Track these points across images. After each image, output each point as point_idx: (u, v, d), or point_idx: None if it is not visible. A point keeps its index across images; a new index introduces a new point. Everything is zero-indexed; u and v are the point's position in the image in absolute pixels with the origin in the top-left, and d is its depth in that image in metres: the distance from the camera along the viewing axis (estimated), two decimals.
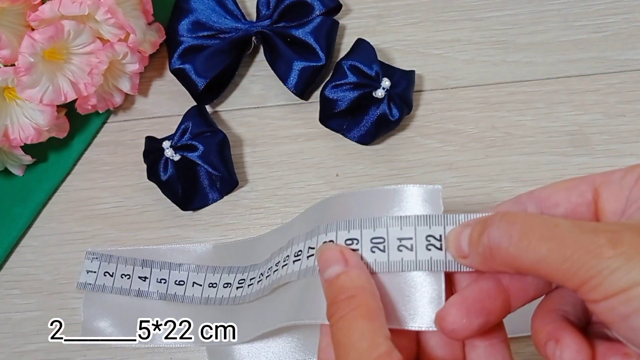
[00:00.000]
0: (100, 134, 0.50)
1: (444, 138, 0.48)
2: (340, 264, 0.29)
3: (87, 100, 0.45)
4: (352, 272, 0.29)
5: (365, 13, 0.51)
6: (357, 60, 0.46)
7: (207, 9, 0.48)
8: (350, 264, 0.29)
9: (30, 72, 0.41)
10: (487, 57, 0.49)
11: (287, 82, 0.47)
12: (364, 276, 0.29)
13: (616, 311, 0.23)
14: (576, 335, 0.26)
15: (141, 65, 0.47)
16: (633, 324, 0.23)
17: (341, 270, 0.29)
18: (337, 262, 0.29)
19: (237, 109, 0.50)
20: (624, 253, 0.22)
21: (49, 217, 0.48)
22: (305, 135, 0.49)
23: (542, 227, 0.24)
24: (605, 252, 0.23)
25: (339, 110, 0.45)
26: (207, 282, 0.44)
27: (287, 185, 0.48)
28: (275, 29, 0.48)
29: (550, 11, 0.50)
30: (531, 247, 0.24)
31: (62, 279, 0.47)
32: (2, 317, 0.46)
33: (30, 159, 0.47)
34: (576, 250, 0.23)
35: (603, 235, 0.23)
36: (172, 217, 0.47)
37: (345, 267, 0.29)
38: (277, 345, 0.44)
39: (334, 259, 0.29)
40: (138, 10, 0.46)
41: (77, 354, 0.45)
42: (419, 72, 0.48)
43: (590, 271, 0.23)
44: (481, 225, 0.26)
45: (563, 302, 0.28)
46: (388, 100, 0.45)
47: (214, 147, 0.45)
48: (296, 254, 0.33)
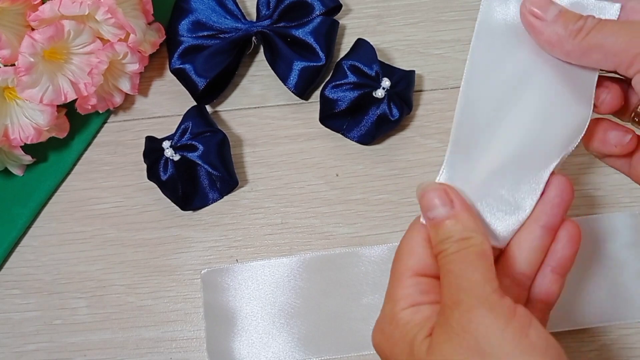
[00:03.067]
0: (100, 134, 0.50)
1: (444, 138, 0.48)
2: (446, 205, 0.30)
3: (87, 100, 0.45)
4: (461, 215, 0.30)
5: (365, 13, 0.51)
6: (357, 60, 0.46)
7: (207, 8, 0.48)
8: (457, 207, 0.31)
9: (31, 72, 0.41)
10: None
11: (287, 82, 0.47)
12: (472, 220, 0.30)
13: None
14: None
15: (141, 65, 0.47)
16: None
17: (449, 213, 0.30)
18: (442, 202, 0.31)
19: (237, 109, 0.50)
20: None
21: (49, 217, 0.48)
22: (305, 135, 0.49)
23: (616, 24, 0.31)
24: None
25: (339, 110, 0.45)
26: None
27: (287, 185, 0.48)
28: (275, 29, 0.47)
29: None
30: (606, 31, 0.30)
31: (62, 279, 0.47)
32: (2, 317, 0.46)
33: (30, 159, 0.47)
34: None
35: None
36: (172, 217, 0.47)
37: (451, 209, 0.30)
38: (277, 345, 0.44)
39: (439, 199, 0.31)
40: (138, 10, 0.46)
41: (77, 354, 0.45)
42: (419, 72, 0.48)
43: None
44: (575, 14, 0.32)
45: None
46: (388, 100, 0.45)
47: (214, 147, 0.45)
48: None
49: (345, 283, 0.45)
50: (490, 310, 0.27)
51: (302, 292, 0.45)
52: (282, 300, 0.45)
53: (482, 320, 0.27)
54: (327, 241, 0.46)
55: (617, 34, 0.30)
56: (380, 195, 0.47)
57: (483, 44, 0.34)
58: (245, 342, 0.44)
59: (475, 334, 0.27)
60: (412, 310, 0.30)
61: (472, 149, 0.33)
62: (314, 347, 0.44)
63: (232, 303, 0.45)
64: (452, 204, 0.31)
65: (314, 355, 0.44)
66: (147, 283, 0.46)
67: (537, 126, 0.33)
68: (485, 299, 0.28)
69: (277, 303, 0.45)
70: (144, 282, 0.46)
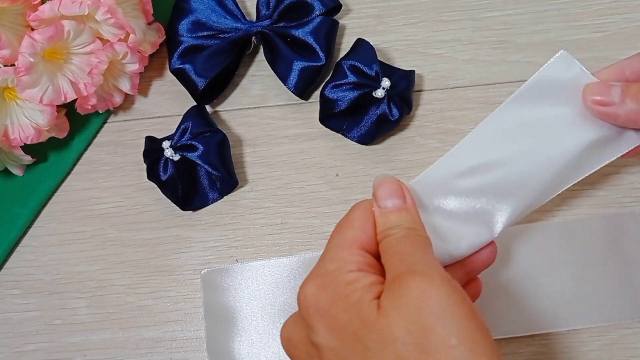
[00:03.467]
0: (100, 134, 0.50)
1: (444, 138, 0.48)
2: (400, 198, 0.34)
3: (87, 100, 0.45)
4: (411, 210, 0.34)
5: (365, 13, 0.51)
6: (357, 60, 0.46)
7: (207, 8, 0.48)
8: (408, 202, 0.34)
9: (30, 72, 0.41)
10: (487, 57, 0.49)
11: (287, 82, 0.47)
12: (419, 217, 0.34)
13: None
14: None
15: (141, 65, 0.47)
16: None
17: (401, 205, 0.34)
18: (397, 195, 0.34)
19: (237, 109, 0.50)
20: None
21: (49, 217, 0.48)
22: (305, 135, 0.49)
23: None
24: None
25: (339, 110, 0.45)
26: None
27: (287, 185, 0.48)
28: (275, 29, 0.47)
29: (550, 11, 0.50)
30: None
31: (62, 279, 0.47)
32: (2, 317, 0.46)
33: (30, 159, 0.47)
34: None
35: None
36: (172, 217, 0.47)
37: (404, 202, 0.34)
38: (277, 345, 0.44)
39: (394, 191, 0.34)
40: (138, 10, 0.46)
41: (78, 354, 0.45)
42: (419, 72, 0.48)
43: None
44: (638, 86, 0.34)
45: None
46: (388, 100, 0.45)
47: (214, 147, 0.45)
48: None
49: None
50: (448, 281, 0.29)
51: None
52: (282, 300, 0.45)
53: (439, 290, 0.28)
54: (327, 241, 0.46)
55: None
56: None
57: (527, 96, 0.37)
58: (245, 342, 0.44)
59: (428, 302, 0.28)
60: (359, 274, 0.31)
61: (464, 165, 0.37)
62: None
63: (232, 303, 0.45)
64: (404, 199, 0.34)
65: None
66: (147, 283, 0.46)
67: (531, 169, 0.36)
68: (442, 274, 0.29)
69: (277, 303, 0.45)
70: (144, 282, 0.46)
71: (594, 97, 0.35)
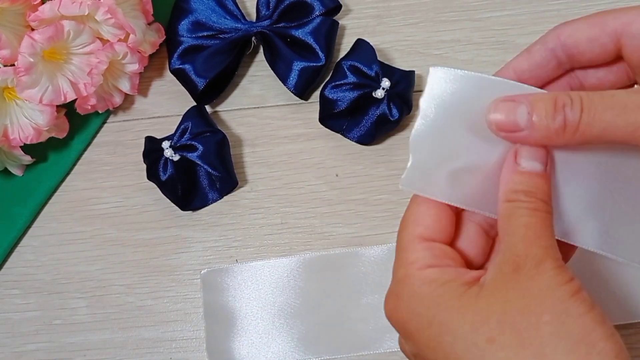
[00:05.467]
0: (100, 134, 0.50)
1: None
2: (542, 164, 0.29)
3: (86, 100, 0.45)
4: (549, 180, 0.29)
5: (365, 13, 0.51)
6: (357, 60, 0.46)
7: (207, 9, 0.48)
8: (548, 171, 0.29)
9: (30, 72, 0.41)
10: (487, 58, 0.49)
11: (287, 82, 0.47)
12: (551, 191, 0.29)
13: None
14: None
15: (141, 66, 0.47)
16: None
17: (542, 171, 0.29)
18: (540, 160, 0.29)
19: (237, 109, 0.50)
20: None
21: (49, 217, 0.48)
22: (305, 135, 0.49)
23: (602, 100, 0.27)
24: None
25: (338, 110, 0.45)
26: None
27: (287, 185, 0.48)
28: (275, 29, 0.47)
29: (550, 11, 0.50)
30: (597, 118, 0.27)
31: (62, 279, 0.47)
32: (2, 317, 0.46)
33: (30, 159, 0.47)
34: (637, 113, 0.26)
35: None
36: (172, 217, 0.47)
37: (544, 170, 0.29)
38: (277, 345, 0.44)
39: (539, 155, 0.29)
40: (138, 10, 0.46)
41: (77, 354, 0.45)
42: (418, 72, 0.48)
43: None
44: (549, 104, 0.28)
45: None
46: (388, 100, 0.45)
47: (214, 147, 0.45)
48: None
49: (345, 283, 0.45)
50: (561, 274, 0.26)
51: (301, 292, 0.45)
52: (282, 300, 0.45)
53: (551, 280, 0.26)
54: (327, 241, 0.46)
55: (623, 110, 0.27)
56: (380, 195, 0.47)
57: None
58: (245, 342, 0.44)
59: (541, 292, 0.26)
60: (435, 270, 0.28)
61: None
62: (314, 347, 0.44)
63: (232, 303, 0.45)
64: (545, 166, 0.29)
65: (314, 355, 0.44)
66: (146, 283, 0.46)
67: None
68: (561, 264, 0.27)
69: (277, 303, 0.45)
70: (144, 282, 0.46)
71: (496, 119, 0.29)
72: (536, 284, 0.26)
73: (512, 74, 0.32)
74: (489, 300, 0.26)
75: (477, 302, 0.27)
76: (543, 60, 0.32)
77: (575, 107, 0.27)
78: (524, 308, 0.26)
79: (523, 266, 0.27)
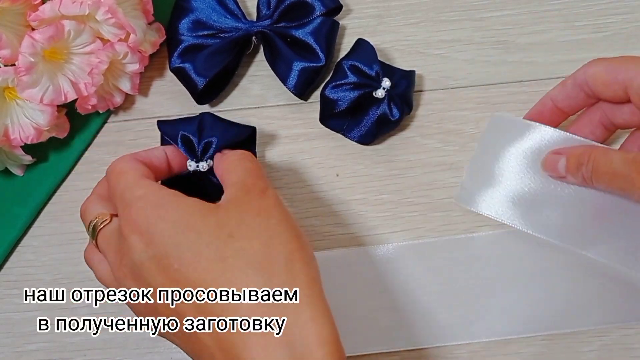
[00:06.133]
0: (100, 134, 0.50)
1: (444, 138, 0.48)
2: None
3: (87, 100, 0.45)
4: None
5: (366, 13, 0.51)
6: (358, 60, 0.46)
7: (208, 8, 0.48)
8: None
9: (31, 72, 0.41)
10: (488, 57, 0.49)
11: (287, 82, 0.47)
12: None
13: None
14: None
15: (141, 65, 0.47)
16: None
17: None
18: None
19: (237, 109, 0.50)
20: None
21: (49, 217, 0.48)
22: (305, 135, 0.49)
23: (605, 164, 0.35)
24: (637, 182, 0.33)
25: (339, 110, 0.45)
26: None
27: (287, 185, 0.48)
28: (275, 29, 0.48)
29: (550, 11, 0.50)
30: (600, 180, 0.36)
31: (62, 278, 0.47)
32: (2, 317, 0.46)
33: (31, 159, 0.47)
34: (621, 181, 0.34)
35: (633, 168, 0.34)
36: None
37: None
38: None
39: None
40: (138, 10, 0.47)
41: (77, 354, 0.45)
42: (419, 72, 0.48)
43: (633, 196, 0.34)
44: (574, 161, 0.37)
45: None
46: (388, 100, 0.45)
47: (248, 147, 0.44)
48: None
49: (345, 283, 0.45)
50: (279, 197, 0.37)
51: None
52: None
53: (275, 199, 0.36)
54: (327, 241, 0.46)
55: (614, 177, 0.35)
56: (380, 195, 0.47)
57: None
58: None
59: (268, 205, 0.35)
60: (177, 191, 0.37)
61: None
62: None
63: None
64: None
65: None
66: None
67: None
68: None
69: None
70: None
71: (550, 173, 0.38)
72: (264, 201, 0.35)
73: (550, 102, 0.42)
74: (228, 210, 0.34)
75: (217, 211, 0.34)
76: (573, 93, 0.40)
77: (588, 167, 0.36)
78: (256, 214, 0.34)
79: (252, 191, 0.35)
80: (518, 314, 0.44)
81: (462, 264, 0.45)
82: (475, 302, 0.44)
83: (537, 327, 0.44)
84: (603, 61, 0.38)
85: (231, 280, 0.32)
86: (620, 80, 0.37)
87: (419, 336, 0.44)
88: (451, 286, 0.44)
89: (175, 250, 0.33)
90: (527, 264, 0.45)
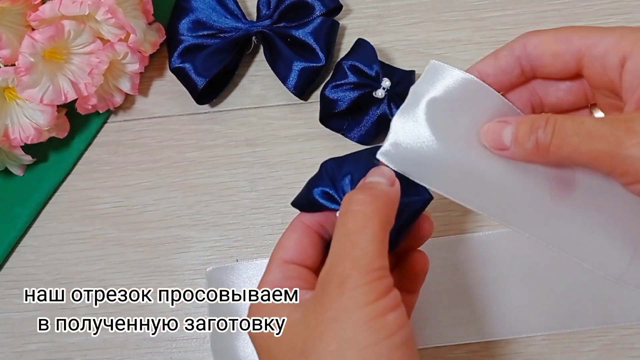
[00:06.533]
0: (100, 133, 0.50)
1: None
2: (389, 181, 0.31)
3: (87, 100, 0.45)
4: (397, 189, 0.30)
5: (366, 13, 0.51)
6: (358, 60, 0.46)
7: (208, 8, 0.48)
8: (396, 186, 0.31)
9: (31, 72, 0.41)
10: None
11: (287, 82, 0.47)
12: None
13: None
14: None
15: (141, 65, 0.47)
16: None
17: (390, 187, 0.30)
18: (389, 178, 0.31)
19: (237, 109, 0.50)
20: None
21: (49, 217, 0.48)
22: (305, 135, 0.49)
23: (572, 125, 0.29)
24: (625, 141, 0.27)
25: (339, 110, 0.45)
26: None
27: (287, 185, 0.48)
28: (275, 29, 0.47)
29: (550, 11, 0.50)
30: (565, 142, 0.29)
31: (62, 278, 0.47)
32: (2, 317, 0.46)
33: (31, 159, 0.47)
34: (600, 142, 0.28)
35: (621, 126, 0.27)
36: (172, 217, 0.47)
37: (391, 186, 0.31)
38: None
39: (388, 174, 0.31)
40: (138, 10, 0.46)
41: (77, 354, 0.45)
42: (419, 72, 0.48)
43: (614, 160, 0.27)
44: (527, 126, 0.30)
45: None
46: (388, 100, 0.45)
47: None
48: None
49: None
50: (367, 293, 0.26)
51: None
52: None
53: (351, 301, 0.26)
54: None
55: (586, 138, 0.28)
56: None
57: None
58: (249, 341, 0.44)
59: (338, 316, 0.26)
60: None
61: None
62: None
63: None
64: (392, 183, 0.31)
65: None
66: (147, 283, 0.46)
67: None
68: (374, 278, 0.26)
69: None
70: (144, 282, 0.46)
71: (489, 143, 0.31)
72: (336, 306, 0.25)
73: (477, 76, 0.33)
74: (298, 327, 0.27)
75: (292, 327, 0.27)
76: (508, 67, 0.33)
77: (547, 130, 0.29)
78: (321, 335, 0.25)
79: (329, 284, 0.26)
80: (518, 313, 0.44)
81: (462, 264, 0.45)
82: (475, 302, 0.44)
83: (537, 327, 0.44)
84: (547, 31, 0.32)
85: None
86: (575, 49, 0.31)
87: (419, 336, 0.44)
88: (451, 286, 0.45)
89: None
90: (526, 264, 0.45)
